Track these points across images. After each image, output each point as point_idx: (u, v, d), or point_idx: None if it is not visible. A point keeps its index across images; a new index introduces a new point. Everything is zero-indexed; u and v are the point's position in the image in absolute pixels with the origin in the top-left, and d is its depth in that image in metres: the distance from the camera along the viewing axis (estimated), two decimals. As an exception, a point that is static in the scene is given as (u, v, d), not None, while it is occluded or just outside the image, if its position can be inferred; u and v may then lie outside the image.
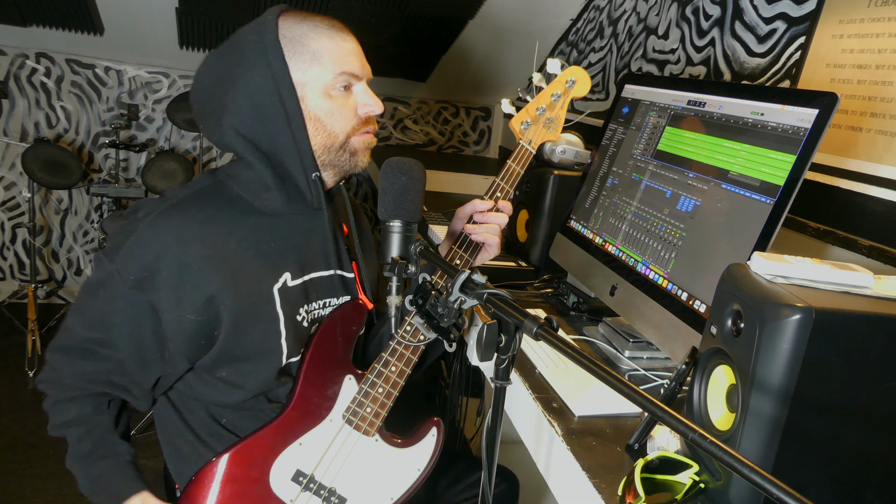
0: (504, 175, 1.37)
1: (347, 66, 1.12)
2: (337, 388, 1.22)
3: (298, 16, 1.13)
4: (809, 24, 1.79)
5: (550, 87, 1.42)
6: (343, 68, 1.12)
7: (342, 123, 1.14)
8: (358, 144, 1.17)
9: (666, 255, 1.35)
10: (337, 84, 1.12)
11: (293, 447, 1.18)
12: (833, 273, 0.89)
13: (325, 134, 1.13)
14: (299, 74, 1.10)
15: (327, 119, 1.13)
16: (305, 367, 1.20)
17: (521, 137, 1.40)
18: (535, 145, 1.40)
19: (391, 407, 1.23)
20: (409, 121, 4.14)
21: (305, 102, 1.11)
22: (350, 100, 1.15)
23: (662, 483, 0.97)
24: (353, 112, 1.15)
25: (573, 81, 1.41)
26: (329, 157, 1.16)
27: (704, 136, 1.35)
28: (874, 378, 0.83)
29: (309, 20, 1.12)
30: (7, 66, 3.44)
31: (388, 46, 3.46)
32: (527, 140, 1.40)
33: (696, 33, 2.30)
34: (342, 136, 1.15)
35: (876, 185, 1.52)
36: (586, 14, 3.18)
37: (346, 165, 1.19)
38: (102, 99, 3.63)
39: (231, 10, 3.08)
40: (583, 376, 1.33)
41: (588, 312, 1.68)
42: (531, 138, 1.40)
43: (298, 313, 1.20)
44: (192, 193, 1.14)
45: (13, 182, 3.62)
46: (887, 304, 0.86)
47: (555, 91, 1.41)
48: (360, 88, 1.16)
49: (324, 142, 1.14)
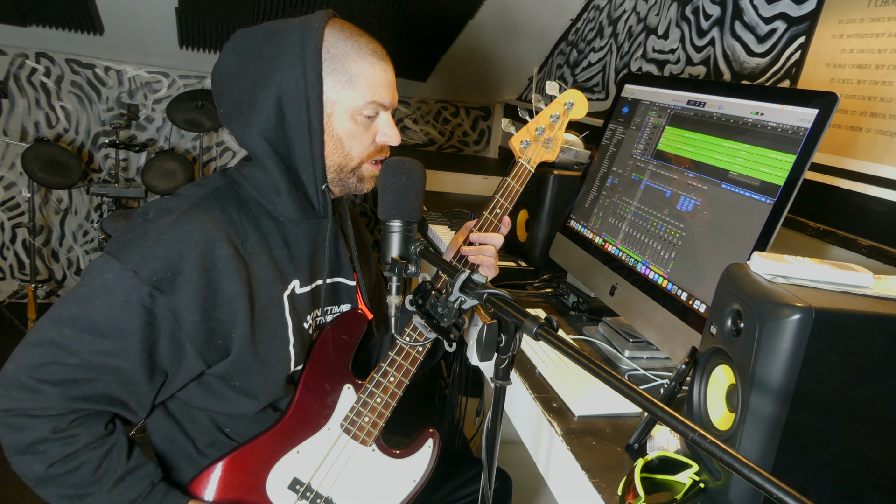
0: (503, 192, 1.37)
1: (379, 96, 1.13)
2: (336, 397, 1.22)
3: (345, 30, 1.13)
4: (809, 23, 1.79)
5: (549, 109, 1.44)
6: (375, 97, 1.12)
7: (359, 148, 1.15)
8: (367, 172, 1.19)
9: (666, 255, 1.35)
10: (365, 111, 1.12)
11: (290, 455, 1.18)
12: (833, 273, 0.89)
13: (341, 154, 1.14)
14: (332, 93, 1.10)
15: (347, 141, 1.14)
16: (305, 375, 1.20)
17: (521, 156, 1.41)
18: (533, 164, 1.42)
19: (389, 417, 1.24)
20: (409, 120, 4.14)
21: (331, 120, 1.11)
22: (372, 127, 1.16)
23: (662, 483, 0.97)
24: (372, 139, 1.16)
25: (571, 104, 1.45)
26: (339, 176, 1.17)
27: (704, 136, 1.35)
28: (874, 378, 0.83)
29: (354, 39, 1.12)
30: (7, 65, 3.44)
31: (388, 46, 3.45)
32: (526, 159, 1.41)
33: (696, 33, 2.30)
34: (356, 161, 1.16)
35: (876, 185, 1.52)
36: (586, 14, 3.18)
37: (351, 188, 1.19)
38: (102, 99, 3.63)
39: (231, 9, 3.08)
40: (583, 376, 1.33)
41: (588, 312, 1.68)
42: (530, 157, 1.42)
43: (305, 321, 1.20)
44: (210, 192, 1.12)
45: (13, 182, 3.62)
46: (887, 303, 0.86)
47: (554, 112, 1.44)
48: (384, 118, 1.17)
49: (339, 161, 1.15)
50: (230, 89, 1.11)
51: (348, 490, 1.21)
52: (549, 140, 1.44)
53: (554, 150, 1.46)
